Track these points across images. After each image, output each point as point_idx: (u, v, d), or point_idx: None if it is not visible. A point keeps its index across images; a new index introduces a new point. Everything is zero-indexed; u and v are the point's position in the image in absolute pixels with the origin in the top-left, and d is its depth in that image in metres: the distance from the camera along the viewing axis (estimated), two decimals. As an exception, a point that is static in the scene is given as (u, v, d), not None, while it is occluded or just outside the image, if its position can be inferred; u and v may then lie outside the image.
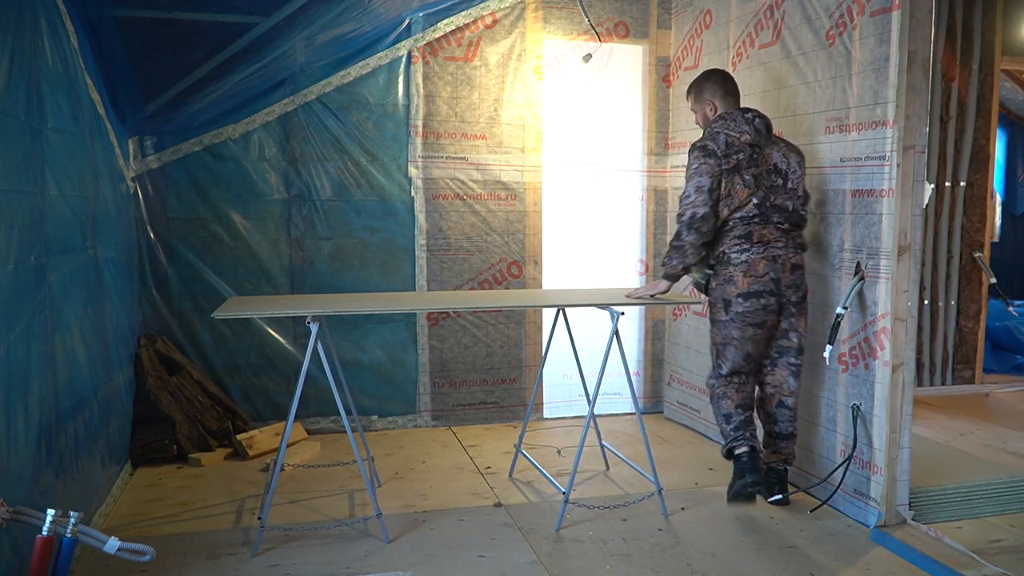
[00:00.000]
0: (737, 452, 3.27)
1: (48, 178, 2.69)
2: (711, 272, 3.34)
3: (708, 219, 3.19)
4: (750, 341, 3.28)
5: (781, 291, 3.23)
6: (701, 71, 4.36)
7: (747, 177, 3.20)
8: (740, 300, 3.23)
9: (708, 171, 3.19)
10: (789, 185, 3.26)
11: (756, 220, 3.21)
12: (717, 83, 3.41)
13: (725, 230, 3.25)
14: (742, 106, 3.39)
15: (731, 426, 3.30)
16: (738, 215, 3.21)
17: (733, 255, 3.23)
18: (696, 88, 3.45)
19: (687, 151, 3.30)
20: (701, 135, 3.35)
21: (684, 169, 4.56)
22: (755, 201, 3.20)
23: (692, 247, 3.24)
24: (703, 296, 4.29)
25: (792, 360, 3.33)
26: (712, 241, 3.28)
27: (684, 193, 3.22)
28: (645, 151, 4.79)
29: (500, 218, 4.60)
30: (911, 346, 3.11)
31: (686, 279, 3.54)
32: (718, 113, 3.35)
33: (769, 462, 3.38)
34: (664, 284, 3.37)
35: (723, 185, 3.20)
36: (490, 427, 4.56)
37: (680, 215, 3.23)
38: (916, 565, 2.84)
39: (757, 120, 3.28)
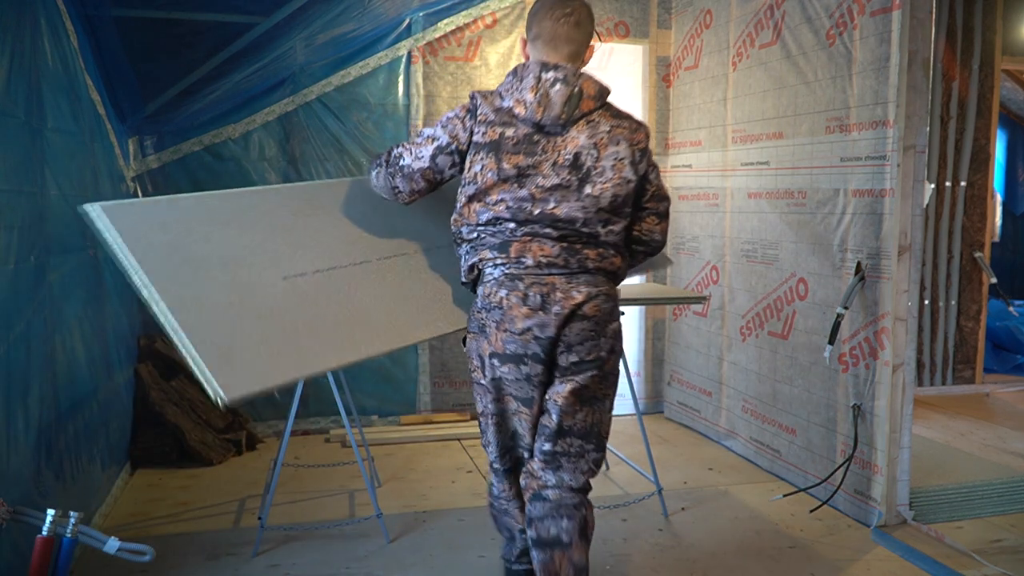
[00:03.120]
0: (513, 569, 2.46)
1: (48, 178, 2.69)
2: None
3: (414, 179, 2.23)
4: (515, 417, 2.23)
5: (550, 353, 2.14)
6: (700, 70, 4.38)
7: (505, 165, 2.10)
8: (496, 363, 2.17)
9: (450, 130, 2.17)
10: (587, 190, 2.10)
11: (512, 229, 2.13)
12: (534, 15, 2.20)
13: (471, 238, 2.19)
14: (560, 61, 2.15)
15: (518, 548, 2.41)
16: (485, 220, 2.15)
17: (486, 288, 2.18)
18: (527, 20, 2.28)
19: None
20: None
21: (685, 169, 4.60)
22: (505, 200, 2.11)
23: (380, 188, 2.32)
24: (704, 292, 4.28)
25: (544, 446, 2.19)
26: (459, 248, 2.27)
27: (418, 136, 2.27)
28: (645, 151, 4.78)
29: (500, 218, 4.59)
30: (911, 346, 3.11)
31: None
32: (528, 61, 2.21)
33: None
34: None
35: (468, 163, 2.16)
36: (490, 427, 4.56)
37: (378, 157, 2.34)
38: (916, 565, 2.84)
39: (558, 85, 2.09)
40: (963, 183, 5.20)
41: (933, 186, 5.07)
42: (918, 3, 2.98)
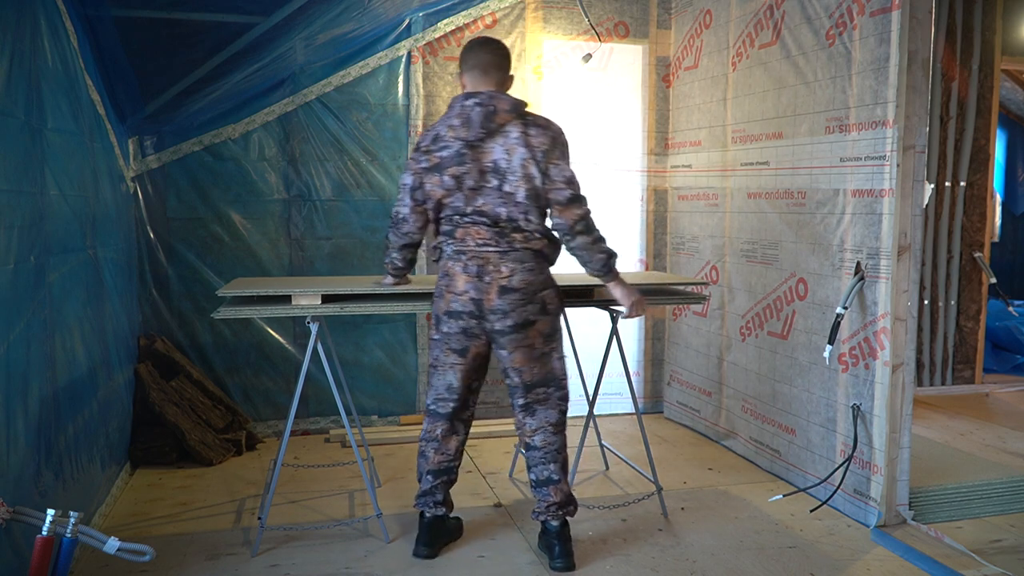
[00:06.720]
0: (421, 511, 2.96)
1: (48, 178, 2.69)
2: None
3: (408, 221, 2.83)
4: (451, 370, 2.81)
5: (484, 315, 2.71)
6: (700, 70, 4.38)
7: (446, 177, 2.69)
8: (445, 318, 2.77)
9: (411, 168, 2.78)
10: (505, 188, 2.66)
11: (460, 222, 2.72)
12: (466, 52, 2.77)
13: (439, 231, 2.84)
14: (490, 89, 2.71)
15: (420, 488, 2.94)
16: (442, 215, 2.77)
17: (442, 263, 2.80)
18: (459, 59, 2.85)
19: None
20: None
21: (685, 169, 4.60)
22: (455, 203, 2.71)
23: (395, 248, 2.93)
24: (706, 292, 4.29)
25: (519, 401, 2.82)
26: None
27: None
28: (645, 151, 4.79)
29: (500, 218, 4.59)
30: (911, 346, 3.11)
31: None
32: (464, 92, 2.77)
33: (539, 518, 2.86)
34: (389, 279, 3.05)
35: (423, 185, 2.75)
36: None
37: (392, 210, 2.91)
38: (916, 565, 2.84)
39: (477, 108, 2.64)
40: (963, 183, 5.20)
41: (933, 186, 5.07)
42: (917, 3, 2.98)
